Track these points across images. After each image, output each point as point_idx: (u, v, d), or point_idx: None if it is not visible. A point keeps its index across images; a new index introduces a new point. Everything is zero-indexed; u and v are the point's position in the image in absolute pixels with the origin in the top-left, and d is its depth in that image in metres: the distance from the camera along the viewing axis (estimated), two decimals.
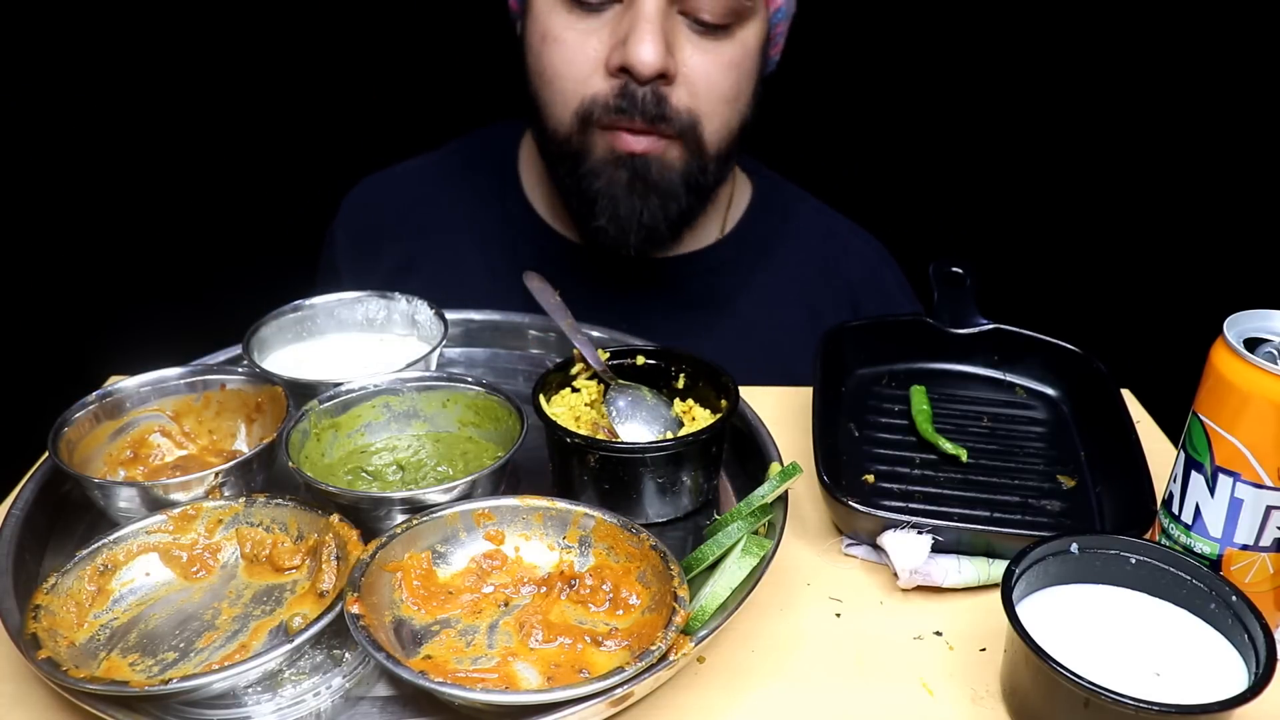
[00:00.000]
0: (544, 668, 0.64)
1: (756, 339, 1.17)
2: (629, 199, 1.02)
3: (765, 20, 1.03)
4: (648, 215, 1.02)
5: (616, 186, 1.01)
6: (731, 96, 1.01)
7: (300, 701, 0.64)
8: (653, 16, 0.94)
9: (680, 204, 1.03)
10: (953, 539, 0.76)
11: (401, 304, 0.98)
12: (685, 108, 0.99)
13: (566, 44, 0.99)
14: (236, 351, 0.97)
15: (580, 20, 0.98)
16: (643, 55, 0.93)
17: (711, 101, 1.00)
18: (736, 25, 0.99)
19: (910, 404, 0.93)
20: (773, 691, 0.67)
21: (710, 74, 0.98)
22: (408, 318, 0.98)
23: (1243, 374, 0.65)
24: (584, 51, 0.98)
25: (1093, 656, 0.61)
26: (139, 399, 0.83)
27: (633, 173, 1.01)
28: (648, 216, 1.02)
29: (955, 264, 1.01)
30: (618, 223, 1.03)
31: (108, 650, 0.65)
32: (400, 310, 0.98)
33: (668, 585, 0.66)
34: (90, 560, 0.69)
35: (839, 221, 1.27)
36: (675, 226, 1.05)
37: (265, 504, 0.74)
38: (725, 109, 1.01)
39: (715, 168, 1.04)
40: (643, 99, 0.97)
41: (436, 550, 0.71)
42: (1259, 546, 0.68)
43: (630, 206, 1.02)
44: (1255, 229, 1.76)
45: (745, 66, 1.01)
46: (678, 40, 0.97)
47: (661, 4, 0.95)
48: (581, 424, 0.84)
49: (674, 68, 0.96)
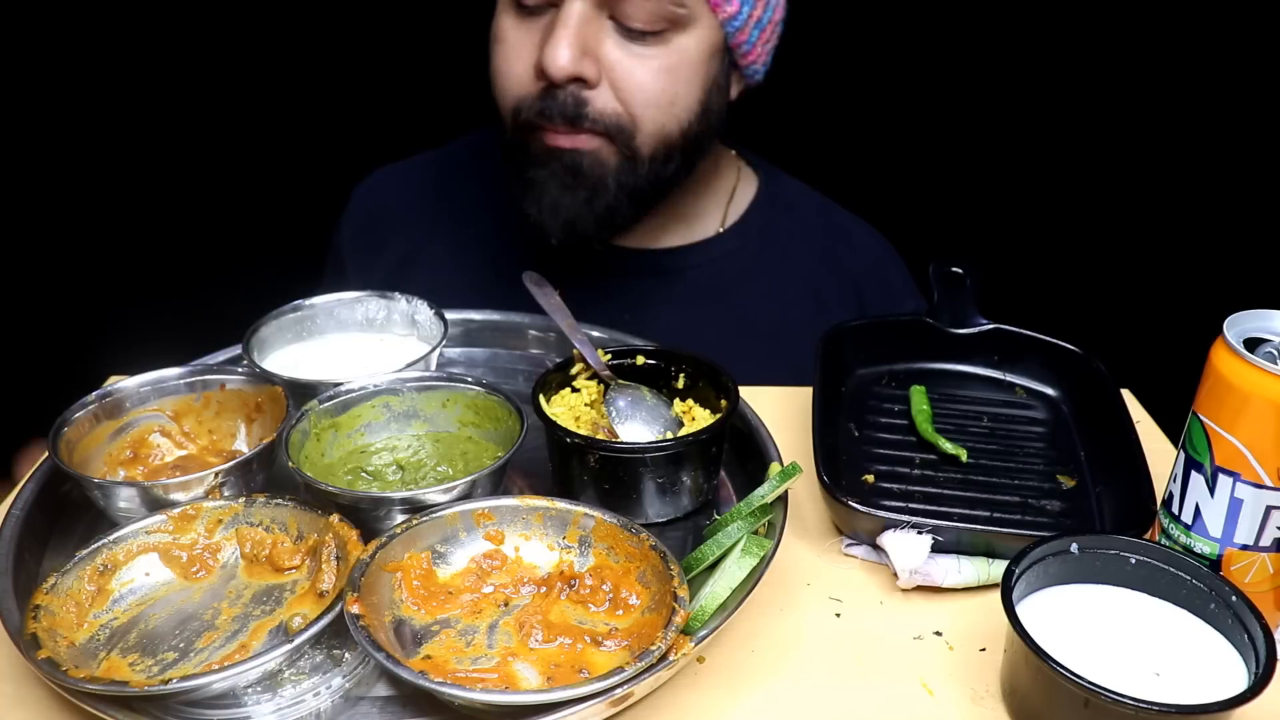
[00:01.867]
0: (544, 668, 0.64)
1: (761, 329, 1.18)
2: (558, 192, 1.04)
3: (714, 29, 1.02)
4: (570, 210, 1.04)
5: (550, 179, 1.04)
6: (664, 102, 1.01)
7: (300, 701, 0.64)
8: (569, 22, 0.96)
9: (608, 200, 1.04)
10: (953, 539, 0.76)
11: (401, 304, 0.98)
12: (612, 110, 1.00)
13: (508, 44, 1.03)
14: (236, 351, 0.97)
15: (521, 23, 1.01)
16: (556, 59, 0.96)
17: (641, 105, 1.01)
18: (672, 32, 1.00)
19: (910, 404, 0.93)
20: (773, 691, 0.67)
21: (639, 78, 1.00)
22: (408, 318, 0.98)
23: (1243, 374, 0.65)
24: (520, 53, 1.01)
25: (1093, 656, 0.61)
26: (139, 399, 0.83)
27: (564, 166, 1.03)
28: (570, 210, 1.04)
29: (955, 264, 1.01)
30: (544, 212, 1.04)
31: (107, 650, 0.65)
32: (400, 310, 0.98)
33: (668, 585, 0.66)
34: (90, 560, 0.69)
35: (843, 215, 1.28)
36: (602, 222, 1.06)
37: (265, 504, 0.74)
38: (657, 114, 1.02)
39: (650, 170, 1.05)
40: (563, 101, 0.99)
41: (436, 550, 0.71)
42: (1259, 546, 0.68)
43: (557, 199, 1.04)
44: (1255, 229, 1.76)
45: (682, 73, 1.01)
46: (604, 45, 0.99)
47: (585, 9, 0.96)
48: (581, 424, 0.84)
49: (593, 71, 0.98)
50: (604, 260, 1.16)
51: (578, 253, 1.10)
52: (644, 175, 1.05)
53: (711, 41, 1.03)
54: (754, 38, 1.06)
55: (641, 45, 0.99)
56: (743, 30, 1.04)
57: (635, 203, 1.07)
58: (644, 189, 1.06)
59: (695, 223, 1.19)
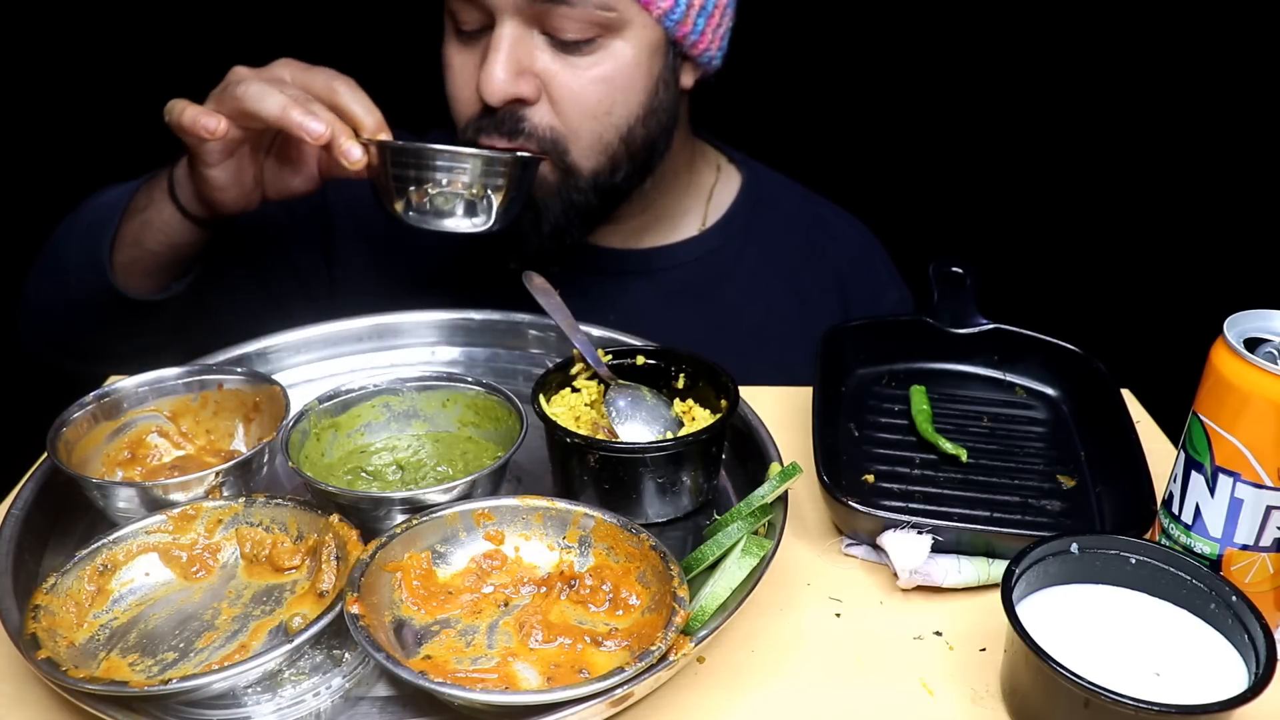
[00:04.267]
0: (544, 668, 0.64)
1: (745, 325, 1.18)
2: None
3: (650, 27, 1.00)
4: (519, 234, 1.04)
5: None
6: (601, 111, 1.01)
7: (300, 701, 0.64)
8: (501, 45, 0.96)
9: (555, 220, 1.05)
10: (953, 539, 0.76)
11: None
12: (547, 124, 1.00)
13: (455, 69, 1.04)
14: (236, 352, 0.97)
15: (464, 48, 1.02)
16: (490, 83, 0.97)
17: (576, 117, 1.00)
18: (605, 37, 0.99)
19: (910, 404, 0.93)
20: (773, 691, 0.67)
21: (575, 89, 0.99)
22: None
23: (1243, 374, 0.65)
24: (464, 76, 1.02)
25: (1093, 656, 0.61)
26: (137, 399, 0.83)
27: None
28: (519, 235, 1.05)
29: (955, 264, 1.01)
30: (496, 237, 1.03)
31: (107, 650, 0.65)
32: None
33: (668, 585, 0.66)
34: (90, 560, 0.69)
35: (824, 206, 1.28)
36: (553, 241, 1.06)
37: (265, 504, 0.74)
38: (594, 124, 1.01)
39: (593, 183, 1.04)
40: (501, 119, 1.00)
41: (436, 550, 0.71)
42: (1259, 546, 0.68)
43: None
44: (1255, 229, 1.76)
45: (620, 80, 1.00)
46: (538, 60, 0.99)
47: (516, 29, 0.97)
48: (581, 424, 0.84)
49: (530, 89, 0.99)
50: (588, 260, 1.16)
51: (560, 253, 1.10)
52: (586, 189, 1.04)
53: (649, 40, 1.01)
54: (700, 26, 1.04)
55: (576, 55, 0.99)
56: (684, 22, 1.02)
57: (585, 218, 1.07)
58: (590, 205, 1.06)
59: (677, 221, 1.19)
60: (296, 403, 0.83)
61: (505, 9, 0.96)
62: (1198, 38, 1.72)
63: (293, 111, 0.88)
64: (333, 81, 0.94)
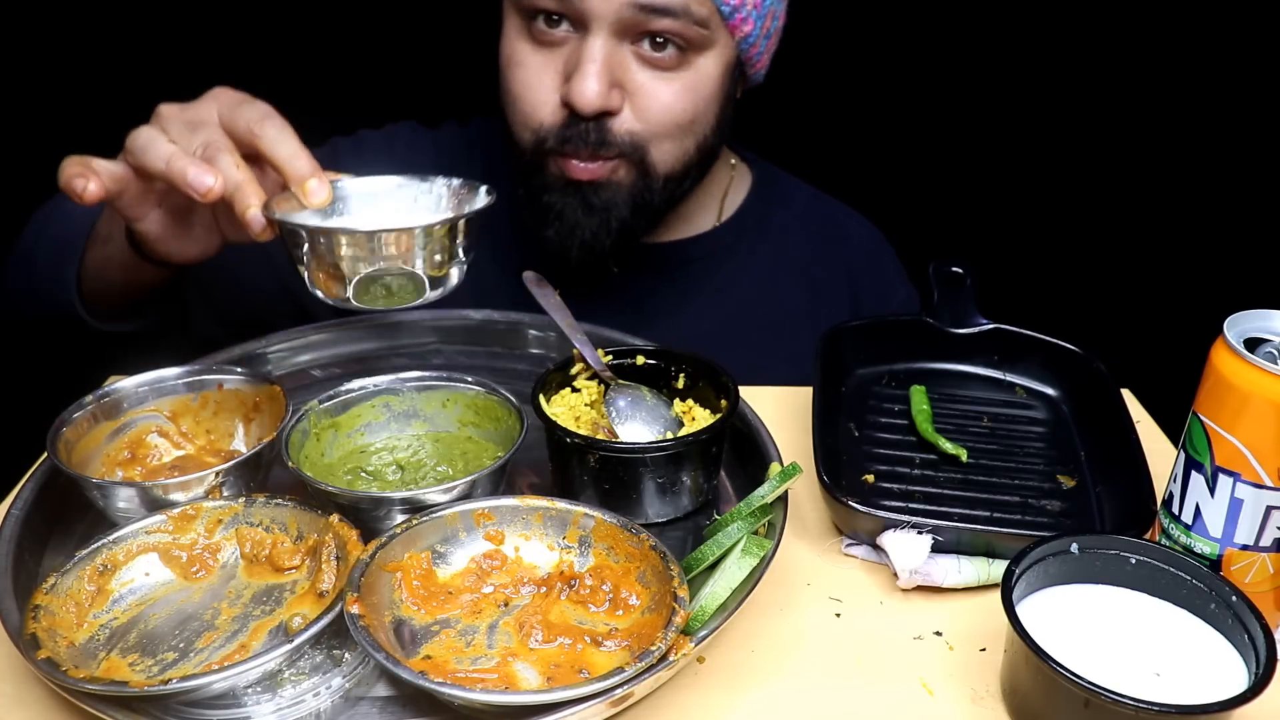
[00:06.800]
0: (544, 668, 0.64)
1: (759, 319, 1.19)
2: (573, 215, 1.05)
3: (730, 47, 1.04)
4: (589, 233, 1.06)
5: (564, 204, 1.05)
6: (685, 122, 1.03)
7: (300, 702, 0.64)
8: (597, 56, 0.97)
9: (624, 222, 1.06)
10: (953, 539, 0.76)
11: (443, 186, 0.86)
12: (629, 132, 1.02)
13: (527, 69, 1.03)
14: (236, 352, 0.97)
15: (539, 50, 1.02)
16: (584, 94, 0.97)
17: (662, 126, 1.02)
18: (691, 54, 1.01)
19: (910, 404, 0.93)
20: (773, 691, 0.67)
21: (664, 101, 1.01)
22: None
23: (1243, 374, 0.65)
24: (541, 79, 1.02)
25: (1093, 656, 0.61)
26: (136, 399, 0.83)
27: (579, 195, 1.05)
28: (588, 234, 1.06)
29: (955, 264, 1.01)
30: (561, 235, 1.06)
31: (107, 650, 0.65)
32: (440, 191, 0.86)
33: (668, 585, 0.66)
34: (90, 560, 0.69)
35: (834, 205, 1.30)
36: (618, 241, 1.07)
37: (265, 504, 0.74)
38: (677, 133, 1.04)
39: (665, 188, 1.07)
40: (586, 131, 1.00)
41: (436, 550, 0.71)
42: (1259, 546, 0.68)
43: (574, 222, 1.05)
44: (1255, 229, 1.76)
45: (702, 93, 1.03)
46: (627, 72, 1.00)
47: (608, 42, 0.97)
48: (581, 424, 0.84)
49: (619, 102, 1.00)
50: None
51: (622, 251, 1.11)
52: (658, 192, 1.07)
53: (727, 59, 1.04)
54: (762, 48, 1.08)
55: (665, 70, 1.00)
56: (754, 44, 1.06)
57: (650, 218, 1.09)
58: (658, 206, 1.08)
59: (693, 217, 1.21)
60: (296, 403, 0.83)
61: (603, 20, 0.96)
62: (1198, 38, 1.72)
63: (177, 163, 0.77)
64: (260, 123, 0.80)
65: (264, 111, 0.82)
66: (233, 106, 0.82)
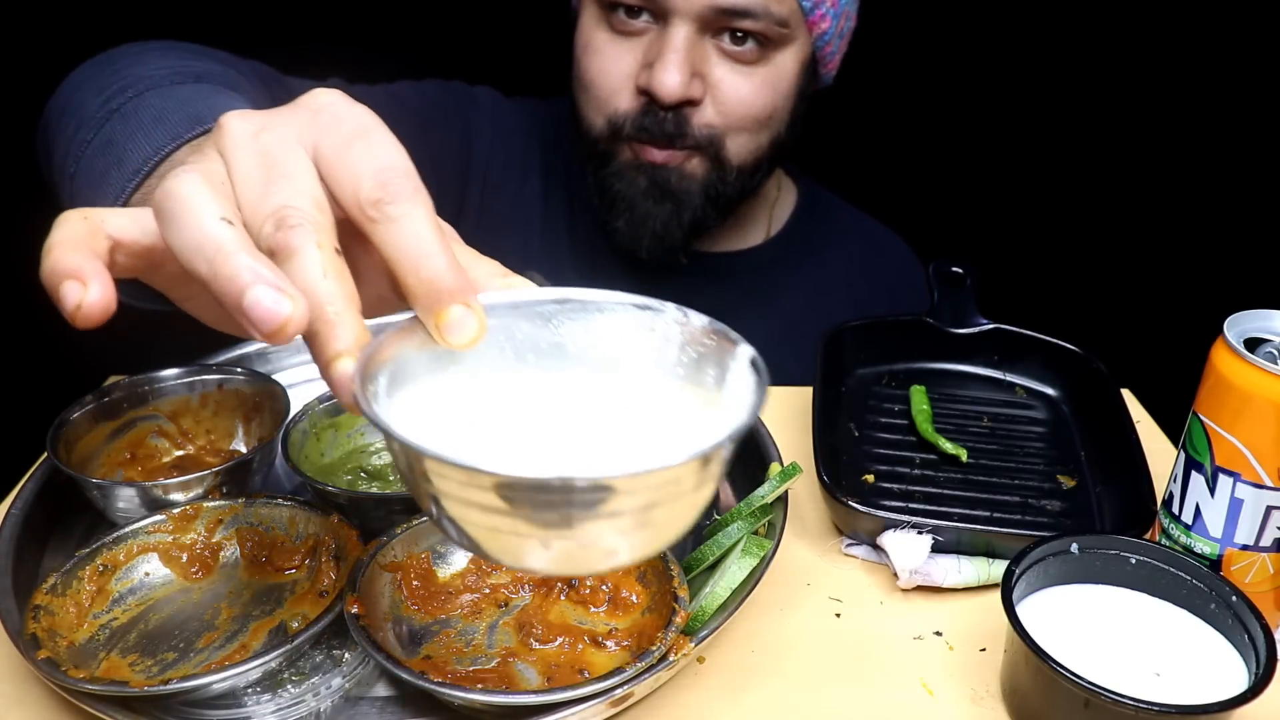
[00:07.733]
0: (544, 668, 0.64)
1: (805, 330, 1.19)
2: (645, 204, 1.05)
3: (807, 44, 1.05)
4: (660, 223, 1.05)
5: (635, 192, 1.05)
6: (763, 117, 1.04)
7: (300, 702, 0.64)
8: (679, 46, 0.97)
9: (695, 212, 1.06)
10: (953, 539, 0.76)
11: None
12: (707, 124, 1.02)
13: (604, 56, 1.02)
14: (236, 352, 0.96)
15: (618, 37, 1.02)
16: (666, 84, 0.97)
17: (739, 119, 1.03)
18: (771, 50, 1.01)
19: (910, 404, 0.93)
20: (773, 691, 0.67)
21: (741, 96, 1.02)
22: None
23: (1243, 374, 0.65)
24: (618, 66, 1.02)
25: (1093, 656, 0.61)
26: (136, 399, 0.83)
27: (652, 180, 1.04)
28: (660, 224, 1.05)
29: (955, 264, 1.02)
30: (632, 226, 1.06)
31: (107, 650, 0.65)
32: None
33: (668, 585, 0.66)
34: (90, 560, 0.69)
35: (875, 226, 1.32)
36: (689, 234, 1.08)
37: (265, 504, 0.74)
38: (754, 127, 1.04)
39: (738, 180, 1.07)
40: (664, 121, 1.00)
41: (436, 550, 0.71)
42: (1259, 547, 0.68)
43: (645, 212, 1.05)
44: (1255, 229, 1.76)
45: (780, 89, 1.04)
46: (708, 64, 1.00)
47: (691, 33, 0.97)
48: None
49: (700, 93, 1.00)
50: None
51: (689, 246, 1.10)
52: (732, 184, 1.07)
53: (804, 57, 1.05)
54: (835, 48, 1.09)
55: (745, 64, 1.01)
56: (829, 44, 1.07)
57: (721, 211, 1.09)
58: (731, 198, 1.08)
59: (743, 229, 1.21)
60: (296, 403, 0.82)
61: (685, 13, 0.96)
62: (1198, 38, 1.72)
63: (227, 269, 0.41)
64: (384, 186, 0.43)
65: (390, 158, 0.44)
66: (341, 140, 0.45)
